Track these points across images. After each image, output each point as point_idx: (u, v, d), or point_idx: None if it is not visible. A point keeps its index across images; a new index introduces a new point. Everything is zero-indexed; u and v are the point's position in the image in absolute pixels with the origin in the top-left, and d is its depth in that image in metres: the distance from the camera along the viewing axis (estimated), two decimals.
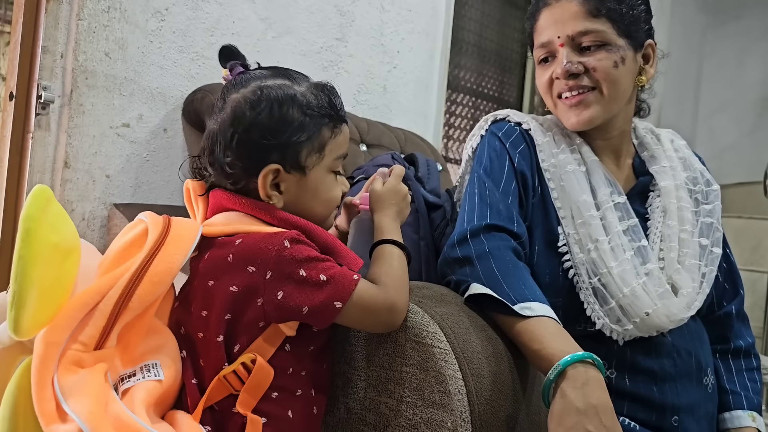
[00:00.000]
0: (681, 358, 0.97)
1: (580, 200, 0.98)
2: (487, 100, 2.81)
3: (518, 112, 1.10)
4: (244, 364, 0.76)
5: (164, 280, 0.73)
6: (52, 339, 0.67)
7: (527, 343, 0.81)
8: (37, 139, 1.23)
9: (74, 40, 1.25)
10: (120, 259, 0.76)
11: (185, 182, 0.89)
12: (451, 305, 0.83)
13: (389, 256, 0.85)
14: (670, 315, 0.93)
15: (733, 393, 1.05)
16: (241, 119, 0.79)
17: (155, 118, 1.38)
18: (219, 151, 0.81)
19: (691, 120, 4.11)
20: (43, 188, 0.69)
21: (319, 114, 0.82)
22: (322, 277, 0.75)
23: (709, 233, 1.04)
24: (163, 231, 0.76)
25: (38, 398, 0.65)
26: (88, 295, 0.70)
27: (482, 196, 0.98)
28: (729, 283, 1.12)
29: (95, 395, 0.66)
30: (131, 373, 0.72)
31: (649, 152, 1.09)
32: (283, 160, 0.80)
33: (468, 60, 2.69)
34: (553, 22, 1.00)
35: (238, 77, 0.83)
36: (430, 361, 0.78)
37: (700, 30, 4.10)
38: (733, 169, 3.74)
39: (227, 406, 0.76)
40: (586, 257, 0.95)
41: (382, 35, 1.94)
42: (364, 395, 0.84)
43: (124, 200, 1.34)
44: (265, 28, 1.59)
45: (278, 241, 0.75)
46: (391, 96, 1.99)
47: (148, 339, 0.75)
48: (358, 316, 0.78)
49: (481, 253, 0.90)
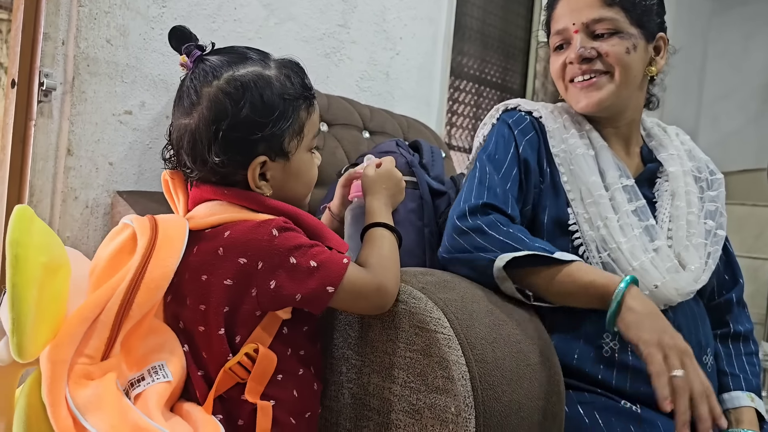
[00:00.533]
0: (682, 334, 0.99)
1: (590, 181, 1.03)
2: (491, 87, 2.79)
3: (529, 101, 1.15)
4: (248, 354, 0.76)
5: (161, 285, 0.74)
6: (58, 357, 0.67)
7: (577, 280, 0.89)
8: (39, 126, 1.23)
9: (75, 26, 1.24)
10: (111, 267, 0.75)
11: (163, 174, 0.88)
12: (455, 291, 0.84)
13: (379, 239, 0.85)
14: (679, 288, 0.97)
15: (732, 375, 1.09)
16: (224, 115, 0.77)
17: (157, 105, 1.38)
18: (203, 149, 0.79)
19: (696, 106, 4.09)
20: (24, 208, 0.69)
21: (295, 97, 0.81)
22: (312, 264, 0.76)
23: (715, 216, 1.09)
24: (153, 234, 0.75)
25: (55, 417, 0.65)
26: (88, 309, 0.70)
27: (482, 180, 1.02)
28: (728, 273, 1.17)
29: (112, 407, 0.67)
30: (139, 377, 0.72)
31: (657, 141, 1.15)
32: (269, 151, 0.80)
33: (471, 46, 2.67)
34: (570, 10, 1.05)
35: (200, 65, 0.80)
36: (433, 346, 0.78)
37: (705, 16, 4.06)
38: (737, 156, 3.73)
39: (236, 394, 0.77)
40: (596, 234, 1.00)
41: (384, 21, 1.93)
42: (368, 380, 0.85)
43: (127, 187, 1.34)
44: (267, 14, 1.58)
45: (266, 230, 0.76)
46: (393, 83, 1.98)
47: (149, 339, 0.76)
48: (349, 300, 0.78)
49: (488, 222, 0.94)
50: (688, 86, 3.99)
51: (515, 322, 0.85)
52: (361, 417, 0.85)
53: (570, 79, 1.07)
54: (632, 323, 0.83)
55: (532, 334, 0.85)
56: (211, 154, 0.78)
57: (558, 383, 0.85)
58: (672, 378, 0.77)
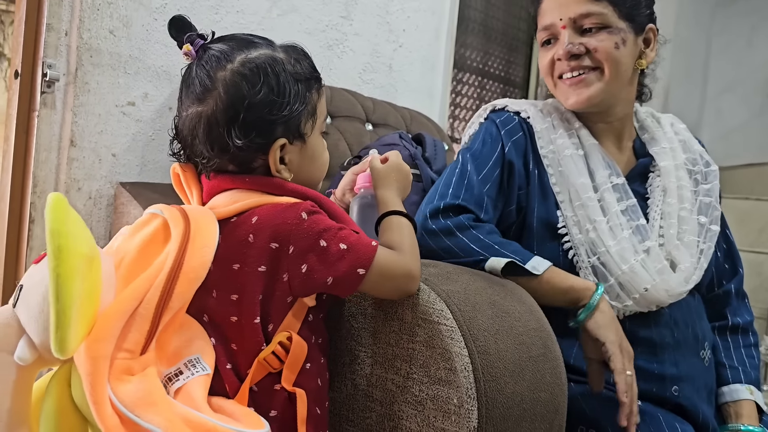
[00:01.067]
0: (679, 329, 1.01)
1: (578, 183, 1.01)
2: (494, 80, 2.78)
3: (516, 101, 1.13)
4: (281, 343, 0.76)
5: (200, 274, 0.72)
6: (98, 353, 0.64)
7: (556, 285, 0.93)
8: (42, 117, 1.23)
9: (78, 17, 1.24)
10: (143, 258, 0.73)
11: (173, 167, 0.86)
12: (458, 283, 0.84)
13: (399, 225, 0.85)
14: (669, 290, 0.97)
15: (731, 367, 1.09)
16: (242, 98, 0.76)
17: (160, 97, 1.38)
18: (221, 134, 0.77)
19: (699, 100, 4.07)
20: (59, 197, 0.66)
21: (307, 78, 0.81)
22: (342, 246, 0.75)
23: (708, 211, 1.08)
24: (187, 224, 0.73)
25: (100, 416, 0.62)
26: (126, 302, 0.68)
27: (462, 175, 1.02)
28: (728, 262, 1.16)
29: (163, 401, 0.65)
30: (177, 371, 0.70)
31: (650, 134, 1.13)
32: (287, 133, 0.79)
33: (474, 39, 2.66)
34: (557, 5, 1.03)
35: (207, 53, 0.79)
36: (436, 338, 0.78)
37: (709, 9, 4.04)
38: (740, 150, 3.71)
39: (267, 384, 0.77)
40: (585, 237, 0.99)
41: (387, 13, 1.92)
42: (371, 372, 0.85)
43: (130, 179, 1.34)
44: (269, 5, 1.58)
45: (295, 213, 0.75)
46: (396, 75, 1.98)
47: (179, 334, 0.73)
48: (377, 283, 0.78)
49: (458, 224, 0.95)
50: (692, 80, 3.98)
51: (518, 314, 0.85)
52: (363, 408, 0.86)
53: (559, 76, 1.05)
54: (602, 324, 0.90)
55: (534, 326, 0.85)
56: (232, 138, 0.77)
57: (560, 375, 0.85)
58: (626, 376, 0.88)
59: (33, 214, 1.24)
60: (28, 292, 0.68)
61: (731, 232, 1.18)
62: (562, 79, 1.05)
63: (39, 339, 0.66)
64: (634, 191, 1.04)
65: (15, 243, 1.25)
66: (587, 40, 1.01)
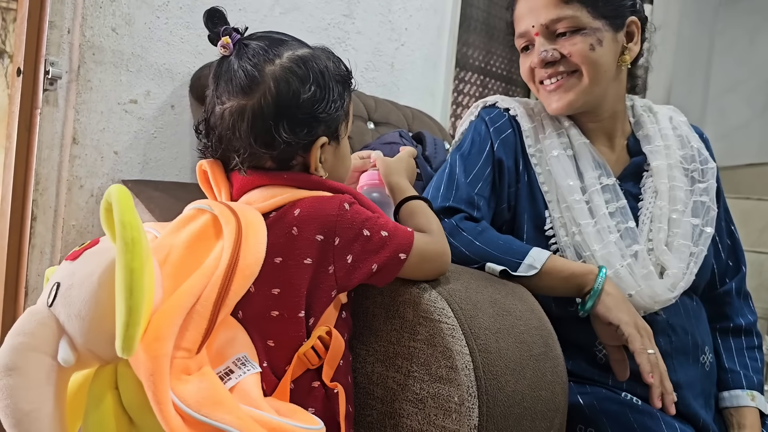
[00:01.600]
0: (677, 335, 0.98)
1: (564, 185, 1.00)
2: (496, 79, 2.78)
3: (507, 98, 1.11)
4: (320, 338, 0.76)
5: (255, 271, 0.71)
6: (159, 352, 0.62)
7: (557, 274, 0.92)
8: (45, 114, 1.23)
9: (81, 15, 1.24)
10: (193, 254, 0.71)
11: (199, 163, 0.84)
12: (459, 282, 0.84)
13: (422, 209, 0.87)
14: (654, 296, 0.95)
15: (732, 372, 1.06)
16: (294, 94, 0.76)
17: (163, 95, 1.38)
18: (268, 128, 0.76)
19: (702, 99, 4.07)
20: (122, 188, 0.62)
21: (346, 80, 0.83)
22: (383, 233, 0.77)
23: (702, 212, 1.04)
24: (238, 220, 0.72)
25: (164, 417, 0.60)
26: (183, 299, 0.65)
27: (451, 178, 1.02)
28: (732, 259, 1.12)
29: (227, 400, 0.63)
30: (226, 370, 0.68)
31: (644, 131, 1.09)
32: (327, 132, 0.80)
33: (477, 38, 2.66)
34: (528, 11, 1.01)
35: (248, 47, 0.78)
36: (437, 336, 0.78)
37: (713, 7, 4.03)
38: (743, 149, 3.71)
39: (305, 381, 0.76)
40: (571, 240, 0.98)
41: (389, 12, 1.92)
42: (372, 369, 0.85)
43: (132, 176, 1.34)
44: (272, 3, 1.58)
45: (338, 204, 0.76)
46: (398, 74, 1.98)
47: (223, 332, 0.71)
48: (416, 266, 0.79)
49: (451, 229, 0.94)
50: (695, 79, 3.97)
51: (519, 313, 0.85)
52: (364, 406, 0.86)
53: (540, 81, 1.04)
54: (612, 306, 0.88)
55: (535, 325, 0.85)
56: (279, 133, 0.76)
57: (561, 374, 0.85)
58: (648, 355, 0.85)
59: (35, 212, 1.24)
60: (69, 290, 0.65)
61: (736, 229, 1.14)
62: (543, 84, 1.03)
63: (83, 338, 0.64)
64: (626, 192, 1.03)
65: (17, 240, 1.25)
66: (561, 45, 0.99)
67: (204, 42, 1.44)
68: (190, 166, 1.45)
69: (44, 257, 1.26)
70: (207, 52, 1.45)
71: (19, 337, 0.64)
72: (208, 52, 1.45)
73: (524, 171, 1.04)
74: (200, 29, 1.43)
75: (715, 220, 1.06)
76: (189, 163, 1.44)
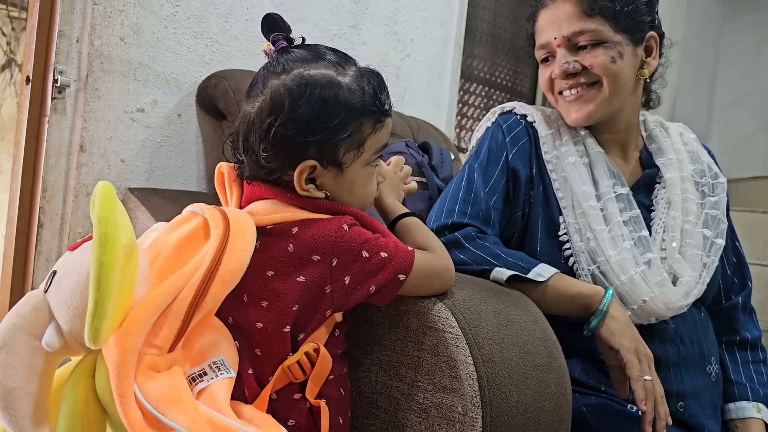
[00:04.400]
0: (684, 345, 0.99)
1: (580, 191, 1.01)
2: (500, 90, 2.79)
3: (525, 105, 1.13)
4: (307, 353, 0.76)
5: (235, 277, 0.71)
6: (128, 345, 0.63)
7: (563, 292, 0.92)
8: (53, 122, 1.24)
9: (90, 24, 1.25)
10: (180, 255, 0.72)
11: (218, 165, 0.86)
12: (464, 291, 0.84)
13: (418, 226, 0.86)
14: (668, 302, 0.96)
15: (739, 384, 1.07)
16: (279, 111, 0.75)
17: (169, 104, 1.39)
18: (254, 140, 0.77)
19: (707, 112, 4.07)
20: (108, 185, 0.64)
21: (362, 111, 0.78)
22: (383, 255, 0.76)
23: (714, 225, 1.06)
24: (226, 225, 0.73)
25: (124, 409, 0.62)
26: (160, 297, 0.67)
27: (468, 189, 1.02)
28: (737, 275, 1.14)
29: (189, 400, 0.64)
30: (200, 372, 0.69)
31: (657, 144, 1.11)
32: (320, 156, 0.77)
33: (482, 49, 2.67)
34: (550, 23, 1.02)
35: (281, 56, 0.78)
36: (441, 346, 0.78)
37: (717, 21, 4.05)
38: (747, 162, 3.71)
39: (287, 393, 0.76)
40: (586, 246, 0.99)
41: (395, 23, 1.93)
42: (376, 379, 0.85)
43: (138, 185, 1.35)
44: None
45: (337, 226, 0.75)
46: (404, 84, 1.99)
47: (205, 335, 0.71)
48: (419, 284, 0.79)
49: (466, 234, 0.96)
50: (700, 92, 3.98)
51: (523, 323, 0.85)
52: (368, 415, 0.86)
53: (559, 92, 1.05)
54: (616, 330, 0.89)
55: (539, 336, 0.85)
56: (260, 146, 0.77)
57: (565, 385, 0.85)
58: (644, 382, 0.86)
59: (42, 219, 1.25)
60: (62, 277, 0.67)
61: (741, 245, 1.16)
62: (562, 95, 1.04)
63: (68, 326, 0.66)
64: (639, 202, 1.03)
65: (24, 246, 1.26)
66: (582, 57, 1.00)
67: (211, 52, 1.46)
68: (196, 174, 1.45)
69: (50, 264, 1.27)
70: (214, 62, 1.46)
71: (14, 318, 0.67)
72: (215, 61, 1.46)
73: (539, 177, 1.05)
74: (207, 39, 1.45)
75: (725, 233, 1.07)
76: (195, 172, 1.45)
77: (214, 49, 1.46)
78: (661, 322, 0.99)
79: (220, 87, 1.34)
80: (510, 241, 1.04)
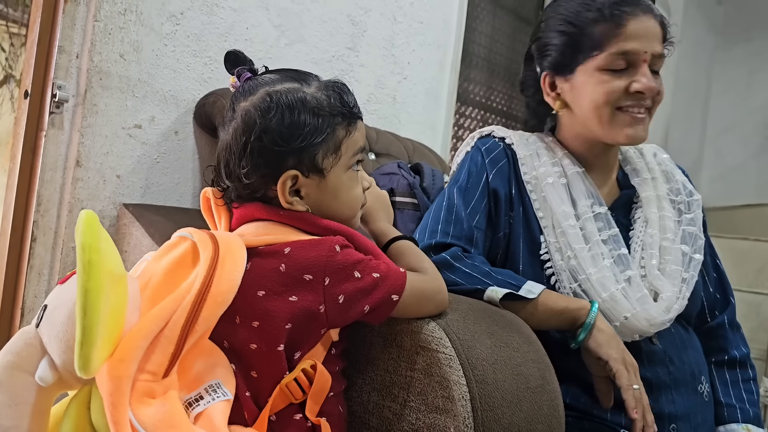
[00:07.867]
0: (674, 366, 0.99)
1: (559, 211, 1.02)
2: (496, 114, 2.82)
3: (502, 128, 1.15)
4: (305, 371, 0.76)
5: (227, 299, 0.70)
6: (120, 373, 0.63)
7: (551, 307, 0.94)
8: (50, 137, 1.25)
9: (90, 40, 1.26)
10: (170, 280, 0.72)
11: (203, 191, 0.88)
12: (457, 311, 0.84)
13: (411, 248, 0.87)
14: (650, 318, 0.96)
15: (728, 406, 1.07)
16: (252, 127, 0.78)
17: (167, 121, 1.40)
18: (234, 162, 0.79)
19: (699, 140, 4.11)
20: (90, 213, 0.65)
21: (330, 114, 0.80)
22: (375, 275, 0.77)
23: (691, 241, 1.07)
24: (215, 247, 0.73)
25: None
26: (152, 322, 0.67)
27: (449, 210, 1.03)
28: (719, 291, 1.15)
29: (183, 425, 0.63)
30: (197, 396, 0.69)
31: (632, 166, 1.13)
32: (299, 165, 0.79)
33: (478, 74, 2.70)
34: (643, 33, 0.99)
35: (246, 84, 0.81)
36: (435, 366, 0.78)
37: (709, 51, 4.11)
38: (739, 190, 3.74)
39: (286, 414, 0.76)
40: (566, 264, 1.00)
41: (393, 46, 1.95)
42: (368, 399, 0.85)
43: (133, 200, 1.35)
44: (278, 35, 1.61)
45: (329, 246, 0.76)
46: (400, 106, 2.01)
47: (201, 359, 0.72)
48: (412, 305, 0.80)
49: (454, 254, 0.97)
50: (692, 120, 4.02)
51: (516, 344, 0.85)
52: None
53: (622, 107, 1.01)
54: (603, 342, 0.91)
55: (533, 357, 0.85)
56: (240, 165, 0.78)
57: (557, 408, 0.85)
58: (633, 391, 0.88)
59: (35, 233, 1.25)
60: (53, 312, 0.67)
61: (722, 263, 1.17)
62: (622, 110, 1.01)
63: (61, 359, 0.65)
64: (617, 221, 1.04)
65: (16, 261, 1.25)
66: (657, 81, 1.01)
67: (209, 70, 1.47)
68: (192, 191, 1.46)
69: (42, 278, 1.26)
70: (212, 80, 1.47)
71: (8, 355, 0.67)
72: (213, 80, 1.47)
73: (518, 197, 1.06)
74: (206, 57, 1.46)
75: (703, 248, 1.09)
76: (190, 189, 1.45)
77: (212, 68, 1.47)
78: (649, 344, 0.99)
79: (217, 105, 1.35)
80: (494, 262, 1.04)
